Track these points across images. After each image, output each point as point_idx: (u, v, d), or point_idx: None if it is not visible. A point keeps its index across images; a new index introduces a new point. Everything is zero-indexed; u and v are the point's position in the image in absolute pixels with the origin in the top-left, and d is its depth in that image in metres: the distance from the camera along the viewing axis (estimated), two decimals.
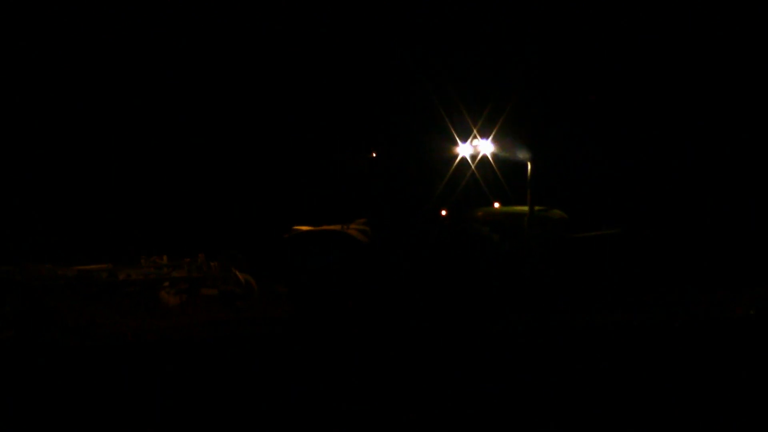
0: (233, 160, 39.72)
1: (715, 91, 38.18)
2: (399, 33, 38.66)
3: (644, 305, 26.05)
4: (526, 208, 27.78)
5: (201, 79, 40.93)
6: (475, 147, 28.76)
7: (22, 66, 41.12)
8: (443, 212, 28.16)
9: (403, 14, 39.22)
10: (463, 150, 28.66)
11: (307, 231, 28.96)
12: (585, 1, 39.21)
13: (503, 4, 38.82)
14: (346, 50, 39.22)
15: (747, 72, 38.33)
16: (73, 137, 40.77)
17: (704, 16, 38.75)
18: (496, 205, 29.21)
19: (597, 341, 21.98)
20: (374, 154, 29.36)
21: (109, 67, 41.16)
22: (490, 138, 28.80)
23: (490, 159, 28.84)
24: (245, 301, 29.35)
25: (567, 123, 36.09)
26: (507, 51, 37.43)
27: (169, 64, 41.05)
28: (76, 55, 41.21)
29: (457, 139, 28.64)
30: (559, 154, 33.05)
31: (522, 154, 27.54)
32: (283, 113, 39.67)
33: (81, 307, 27.85)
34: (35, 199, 38.65)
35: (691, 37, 38.80)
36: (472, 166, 28.66)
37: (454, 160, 28.54)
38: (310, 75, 39.44)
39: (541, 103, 34.51)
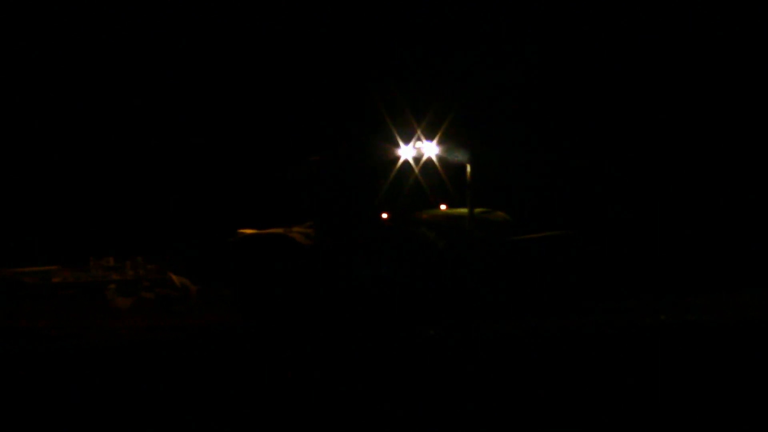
0: (181, 164, 39.90)
1: (658, 89, 38.58)
2: (340, 33, 38.87)
3: (582, 310, 26.15)
4: (466, 211, 27.73)
5: (144, 80, 41.14)
6: (419, 149, 28.60)
7: None
8: (384, 215, 28.07)
9: (345, 12, 39.39)
10: (406, 152, 28.49)
11: (250, 234, 28.85)
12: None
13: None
14: (288, 53, 39.42)
15: (691, 68, 38.76)
16: (22, 136, 40.96)
17: (643, 16, 39.24)
18: (443, 207, 29.02)
19: (528, 346, 21.93)
20: (318, 158, 29.19)
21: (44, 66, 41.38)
22: (435, 140, 28.68)
23: (435, 161, 28.73)
24: (182, 306, 29.28)
25: (513, 125, 36.21)
26: (448, 51, 37.62)
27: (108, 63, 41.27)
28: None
29: (400, 141, 28.47)
30: (505, 156, 33.07)
31: (460, 156, 27.49)
32: (227, 119, 39.92)
33: (12, 311, 27.90)
34: None
35: (633, 35, 39.24)
36: (416, 169, 28.53)
37: (397, 163, 28.40)
38: (251, 77, 39.66)
39: (485, 105, 34.49)
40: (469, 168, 27.29)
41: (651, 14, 39.37)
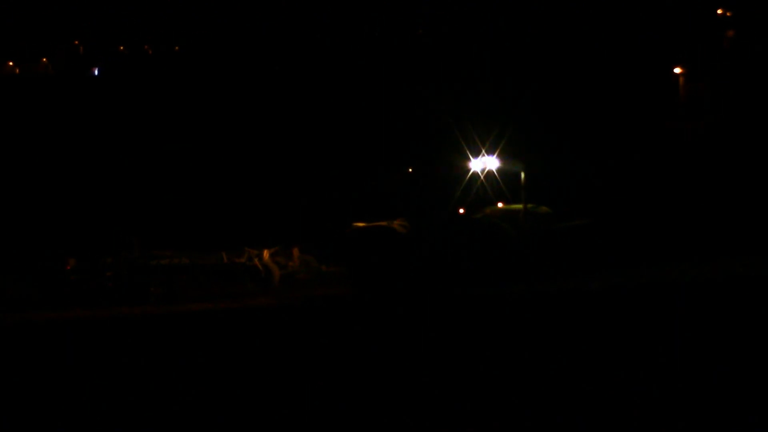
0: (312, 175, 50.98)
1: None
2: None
3: (607, 275, 36.52)
4: (521, 206, 38.59)
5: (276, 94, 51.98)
6: (484, 162, 39.59)
7: None
8: (461, 210, 38.97)
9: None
10: (475, 164, 39.46)
11: (362, 226, 39.62)
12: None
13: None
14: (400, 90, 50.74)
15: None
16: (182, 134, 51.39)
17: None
18: (500, 204, 39.72)
19: (576, 303, 30.65)
20: (410, 170, 40.25)
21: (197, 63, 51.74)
22: (495, 155, 39.70)
23: (494, 171, 39.71)
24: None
25: (551, 140, 47.45)
26: (507, 87, 49.28)
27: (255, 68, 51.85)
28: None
29: (470, 155, 39.47)
30: (544, 165, 43.78)
31: (517, 166, 38.38)
32: (345, 142, 50.94)
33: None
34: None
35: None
36: (481, 176, 39.52)
37: (468, 172, 39.36)
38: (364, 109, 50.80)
39: (531, 126, 45.36)
40: (522, 175, 38.11)
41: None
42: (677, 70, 58.03)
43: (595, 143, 50.27)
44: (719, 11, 61.72)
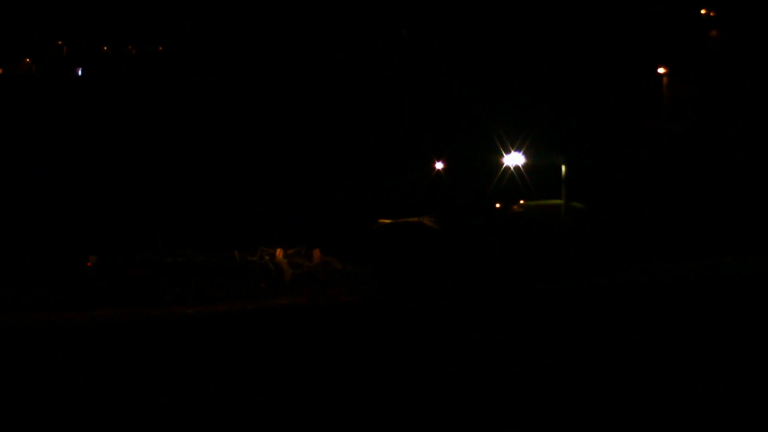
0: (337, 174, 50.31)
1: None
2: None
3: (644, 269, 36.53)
4: (556, 201, 38.22)
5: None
6: (514, 158, 39.22)
7: None
8: (498, 205, 38.46)
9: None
10: (508, 160, 39.04)
11: (390, 222, 38.88)
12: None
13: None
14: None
15: None
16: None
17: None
18: (521, 201, 39.31)
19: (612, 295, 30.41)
20: (441, 166, 39.73)
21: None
22: (521, 151, 39.36)
23: (521, 168, 39.34)
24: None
25: (586, 142, 47.55)
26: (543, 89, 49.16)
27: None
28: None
29: (503, 151, 39.07)
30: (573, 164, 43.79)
31: (557, 160, 38.04)
32: (373, 138, 50.32)
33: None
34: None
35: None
36: (512, 171, 39.12)
37: (499, 169, 38.93)
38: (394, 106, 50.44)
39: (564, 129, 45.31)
40: (564, 169, 37.69)
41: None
42: (661, 71, 58.25)
43: (600, 143, 50.19)
44: (703, 11, 62.13)
